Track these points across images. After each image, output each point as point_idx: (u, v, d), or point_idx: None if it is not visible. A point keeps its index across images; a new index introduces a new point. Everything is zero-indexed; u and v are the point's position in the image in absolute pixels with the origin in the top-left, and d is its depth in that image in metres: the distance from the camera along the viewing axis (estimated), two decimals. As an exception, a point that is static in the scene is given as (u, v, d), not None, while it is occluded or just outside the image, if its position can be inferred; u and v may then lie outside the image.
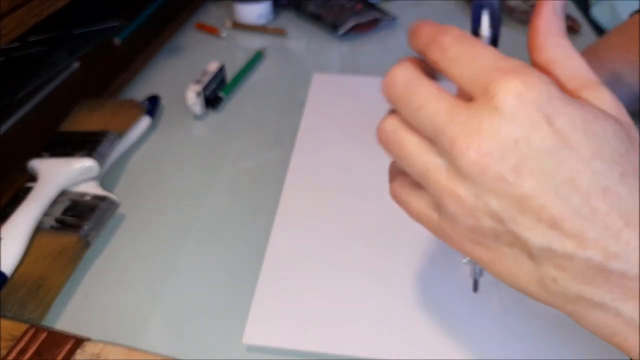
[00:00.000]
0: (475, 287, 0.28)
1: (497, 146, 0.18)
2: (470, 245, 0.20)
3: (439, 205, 0.20)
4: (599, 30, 0.87)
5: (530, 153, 0.18)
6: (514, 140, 0.18)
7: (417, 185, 0.22)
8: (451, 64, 0.20)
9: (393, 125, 0.21)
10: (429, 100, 0.20)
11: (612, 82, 0.42)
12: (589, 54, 0.44)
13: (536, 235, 0.18)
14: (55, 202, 0.38)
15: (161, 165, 0.45)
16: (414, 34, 0.21)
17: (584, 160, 0.18)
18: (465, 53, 0.19)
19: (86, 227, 0.36)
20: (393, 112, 0.21)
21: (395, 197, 0.24)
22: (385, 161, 0.47)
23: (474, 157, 0.18)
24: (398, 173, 0.23)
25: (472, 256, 0.21)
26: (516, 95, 0.18)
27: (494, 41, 0.22)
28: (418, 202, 0.22)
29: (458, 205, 0.19)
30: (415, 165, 0.21)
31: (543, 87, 0.18)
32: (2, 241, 0.34)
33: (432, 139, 0.20)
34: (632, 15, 0.48)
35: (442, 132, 0.19)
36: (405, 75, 0.20)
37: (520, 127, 0.18)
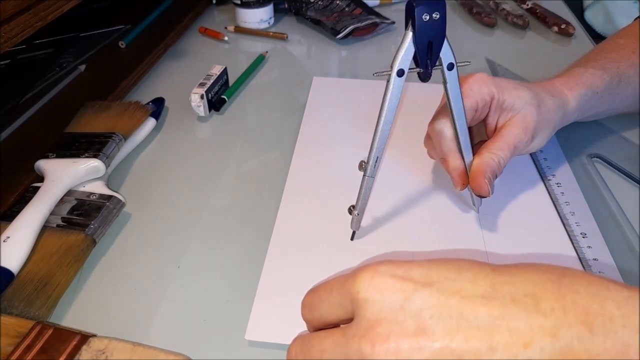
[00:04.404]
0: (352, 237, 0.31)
1: (388, 328, 0.19)
2: None
3: None
4: (592, 33, 0.88)
5: (410, 311, 0.19)
6: (397, 308, 0.20)
7: None
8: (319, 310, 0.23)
9: None
10: (323, 340, 0.22)
11: (616, 83, 0.42)
12: (594, 55, 0.44)
13: None
14: (61, 201, 0.38)
15: (166, 166, 0.45)
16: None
17: (460, 282, 0.20)
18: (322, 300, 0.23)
19: (92, 225, 0.36)
20: None
21: None
22: (384, 161, 0.47)
23: (384, 350, 0.19)
24: None
25: None
26: (368, 281, 0.20)
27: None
28: None
29: None
30: None
31: (384, 264, 0.21)
32: (9, 239, 0.34)
33: None
34: (638, 18, 0.48)
35: (346, 354, 0.20)
36: (298, 341, 0.23)
37: (387, 297, 0.20)
